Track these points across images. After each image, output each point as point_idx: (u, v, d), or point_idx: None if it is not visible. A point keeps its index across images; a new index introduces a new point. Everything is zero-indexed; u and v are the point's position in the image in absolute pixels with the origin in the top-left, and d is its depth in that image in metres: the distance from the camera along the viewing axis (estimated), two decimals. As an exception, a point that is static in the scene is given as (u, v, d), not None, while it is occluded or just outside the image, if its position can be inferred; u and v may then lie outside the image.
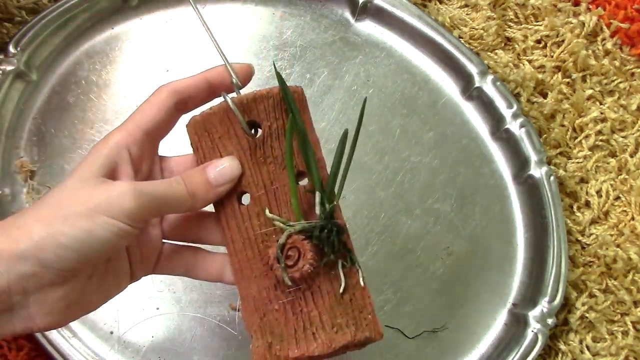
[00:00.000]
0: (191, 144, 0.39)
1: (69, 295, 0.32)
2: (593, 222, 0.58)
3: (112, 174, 0.34)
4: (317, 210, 0.36)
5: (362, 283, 0.37)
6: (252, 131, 0.37)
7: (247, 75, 0.38)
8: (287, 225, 0.36)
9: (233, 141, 0.37)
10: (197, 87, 0.37)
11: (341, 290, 0.36)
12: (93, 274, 0.34)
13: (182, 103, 0.37)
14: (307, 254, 0.35)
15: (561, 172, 0.59)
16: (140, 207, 0.32)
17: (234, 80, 0.37)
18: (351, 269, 0.37)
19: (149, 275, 0.51)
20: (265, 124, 0.37)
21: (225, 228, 0.38)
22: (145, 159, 0.37)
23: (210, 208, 0.39)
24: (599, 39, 0.64)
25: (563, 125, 0.61)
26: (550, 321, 0.52)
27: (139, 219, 0.33)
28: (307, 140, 0.37)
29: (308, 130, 0.37)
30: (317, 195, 0.36)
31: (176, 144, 0.43)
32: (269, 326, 0.36)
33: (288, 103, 0.36)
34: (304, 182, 0.38)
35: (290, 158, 0.36)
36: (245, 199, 0.38)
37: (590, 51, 0.63)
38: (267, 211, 0.36)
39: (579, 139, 0.61)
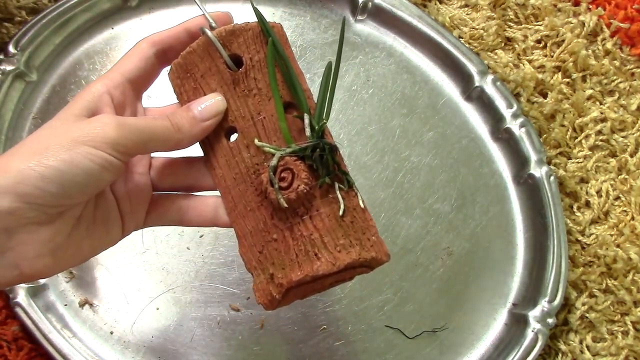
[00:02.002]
0: (174, 90, 0.38)
1: (55, 237, 0.32)
2: (593, 222, 0.58)
3: (93, 115, 0.34)
4: (307, 131, 0.35)
5: (362, 205, 0.37)
6: (234, 65, 0.37)
7: (225, 22, 0.38)
8: (278, 150, 0.35)
9: (216, 77, 0.37)
10: (177, 37, 0.37)
11: (341, 213, 0.35)
12: (81, 218, 0.33)
13: (162, 53, 0.37)
14: (300, 173, 0.34)
15: (561, 172, 0.59)
16: (123, 138, 0.32)
17: (213, 24, 0.37)
18: (349, 192, 0.36)
19: (149, 274, 0.52)
20: (246, 56, 0.36)
21: (216, 166, 0.38)
22: (127, 106, 0.37)
23: (198, 153, 0.39)
24: (599, 39, 0.64)
25: (563, 125, 0.61)
26: (550, 321, 0.52)
27: (123, 150, 0.32)
28: (290, 67, 0.36)
29: (292, 62, 0.37)
30: (306, 117, 0.35)
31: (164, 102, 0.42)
32: (269, 258, 0.35)
33: (266, 30, 0.36)
34: (291, 115, 0.37)
35: (274, 79, 0.35)
36: (234, 137, 0.37)
37: (590, 51, 0.63)
38: (256, 140, 0.36)
39: (579, 139, 0.61)
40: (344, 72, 0.61)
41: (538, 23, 0.64)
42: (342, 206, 0.35)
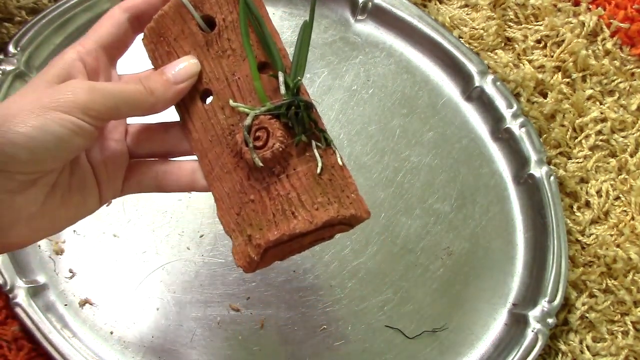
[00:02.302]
0: (149, 56, 0.38)
1: (28, 206, 0.31)
2: (593, 222, 0.58)
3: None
4: (282, 89, 0.35)
5: (340, 162, 0.36)
6: (207, 27, 0.36)
7: None
8: (252, 109, 0.34)
9: (189, 40, 0.36)
10: (150, 2, 0.37)
11: (318, 171, 0.34)
12: (55, 186, 0.33)
13: (135, 19, 0.37)
14: (275, 132, 0.33)
15: (561, 172, 0.59)
16: (94, 102, 0.31)
17: None
18: (327, 149, 0.36)
19: (149, 275, 0.52)
20: (219, 17, 0.36)
21: (192, 130, 0.37)
22: (101, 73, 0.36)
23: (174, 118, 0.38)
24: (599, 39, 0.64)
25: (563, 125, 0.61)
26: (550, 321, 0.52)
27: (95, 114, 0.31)
28: (264, 26, 0.35)
29: (266, 21, 0.36)
30: (280, 75, 0.35)
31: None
32: (246, 219, 0.35)
33: None
34: (267, 74, 0.37)
35: (247, 38, 0.35)
36: (209, 100, 0.37)
37: (590, 51, 0.63)
38: (230, 101, 0.35)
39: (579, 139, 0.61)
40: (344, 72, 0.61)
41: (538, 23, 0.64)
42: (319, 164, 0.35)
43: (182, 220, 0.54)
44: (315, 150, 0.35)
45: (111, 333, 0.50)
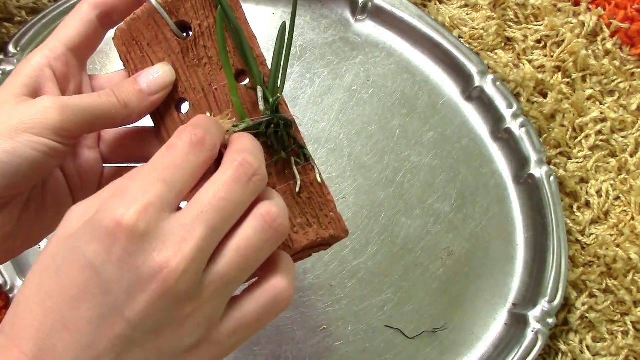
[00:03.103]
0: (120, 57, 0.36)
1: (2, 227, 0.30)
2: (593, 222, 0.58)
3: (35, 94, 0.32)
4: (261, 105, 0.33)
5: (319, 180, 0.35)
6: (183, 33, 0.35)
7: None
8: (231, 129, 0.33)
9: (163, 46, 0.35)
10: None
11: (297, 189, 0.34)
12: (29, 202, 0.32)
13: (105, 16, 0.35)
14: None
15: (561, 172, 0.59)
16: (66, 121, 0.30)
17: None
18: (306, 166, 0.35)
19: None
20: (194, 23, 0.34)
21: (167, 139, 0.36)
22: (71, 77, 0.34)
23: (149, 123, 0.37)
24: (599, 39, 0.64)
25: (563, 125, 0.61)
26: (550, 321, 0.52)
27: (67, 134, 0.30)
28: (241, 34, 0.34)
29: (242, 25, 0.35)
30: (259, 90, 0.34)
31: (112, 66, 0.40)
32: None
33: None
34: (245, 83, 0.35)
35: (225, 52, 0.33)
36: (185, 108, 0.36)
37: (590, 51, 0.63)
38: (207, 115, 0.34)
39: (579, 139, 0.61)
40: (344, 72, 0.61)
41: (538, 23, 0.64)
42: (298, 182, 0.34)
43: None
44: (294, 168, 0.34)
45: (111, 333, 0.50)
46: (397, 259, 0.55)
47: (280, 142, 0.34)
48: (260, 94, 0.34)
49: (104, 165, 0.37)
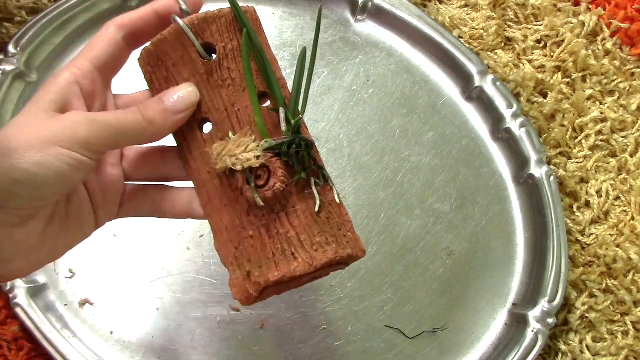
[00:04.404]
0: (145, 77, 0.37)
1: (29, 239, 0.31)
2: (593, 222, 0.58)
3: (63, 110, 0.33)
4: (283, 126, 0.34)
5: (337, 200, 0.36)
6: (208, 55, 0.36)
7: (196, 3, 0.36)
8: (255, 151, 0.34)
9: (188, 67, 0.35)
10: (145, 19, 0.36)
11: (317, 209, 0.34)
12: (53, 216, 0.33)
13: (130, 37, 0.36)
14: (277, 171, 0.33)
15: (561, 172, 0.59)
16: (94, 136, 0.31)
17: (183, 7, 0.36)
18: (325, 186, 0.36)
19: (149, 275, 0.52)
20: (219, 45, 0.35)
21: (190, 159, 0.37)
22: (97, 95, 0.35)
23: (172, 142, 0.38)
24: (599, 39, 0.64)
25: (563, 125, 0.61)
26: (550, 321, 0.52)
27: (95, 149, 0.31)
28: (265, 58, 0.35)
29: (265, 48, 0.36)
30: (282, 111, 0.35)
31: (132, 85, 0.41)
32: (245, 255, 0.35)
33: (240, 18, 0.35)
34: (267, 104, 0.36)
35: (249, 74, 0.34)
36: (207, 128, 0.36)
37: (590, 51, 0.63)
38: (230, 134, 0.35)
39: (579, 139, 0.61)
40: (344, 72, 0.61)
41: (538, 23, 0.64)
42: (318, 202, 0.35)
43: (182, 220, 0.53)
44: (314, 188, 0.35)
45: (111, 333, 0.50)
46: (397, 259, 0.55)
47: (301, 162, 0.34)
48: (282, 115, 0.34)
49: (125, 182, 0.38)
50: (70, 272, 0.51)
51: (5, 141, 0.30)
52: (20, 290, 0.49)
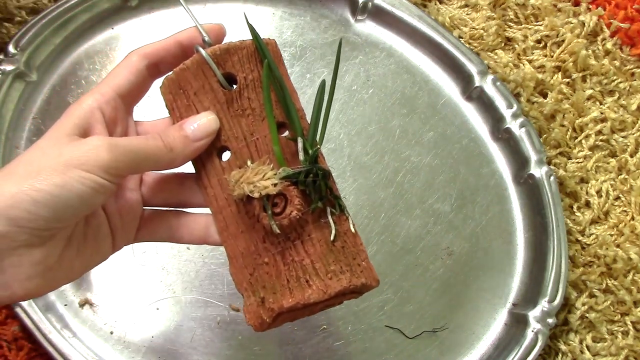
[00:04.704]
0: (166, 105, 0.38)
1: (46, 259, 0.31)
2: (593, 222, 0.58)
3: (85, 134, 0.33)
4: (301, 156, 0.35)
5: (352, 230, 0.36)
6: (228, 84, 0.36)
7: (218, 34, 0.37)
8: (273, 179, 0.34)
9: (209, 96, 0.36)
10: (168, 50, 0.37)
11: (332, 238, 0.35)
12: (72, 237, 0.33)
13: (153, 66, 0.37)
14: (293, 199, 0.34)
15: (561, 172, 0.59)
16: (116, 160, 0.31)
17: (206, 39, 0.37)
18: (340, 216, 0.36)
19: (149, 275, 0.52)
20: (240, 75, 0.36)
21: (207, 186, 0.37)
22: (119, 122, 0.36)
23: (190, 169, 0.38)
24: (599, 39, 0.64)
25: (563, 125, 0.61)
26: (550, 321, 0.52)
27: (115, 172, 0.32)
28: (285, 88, 0.36)
29: (285, 80, 0.37)
30: (300, 141, 0.35)
31: (153, 112, 0.42)
32: (260, 281, 0.35)
33: (261, 49, 0.36)
34: (285, 135, 0.37)
35: (269, 104, 0.35)
36: (225, 156, 0.37)
37: (590, 51, 0.63)
38: (249, 162, 0.35)
39: (579, 139, 0.61)
40: (344, 72, 0.61)
41: (538, 23, 0.64)
42: (333, 231, 0.35)
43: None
44: (329, 217, 0.36)
45: (111, 333, 0.50)
46: (397, 259, 0.55)
47: (317, 191, 0.35)
48: (300, 144, 0.35)
49: (144, 207, 0.39)
50: (70, 272, 0.51)
51: (27, 163, 0.31)
52: (20, 290, 0.49)
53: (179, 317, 0.51)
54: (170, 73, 0.37)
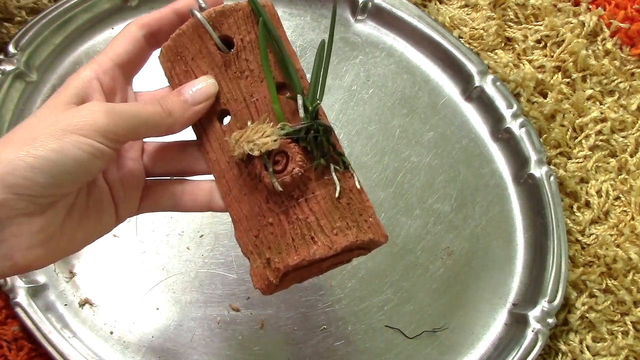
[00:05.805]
0: (165, 74, 0.38)
1: (47, 228, 0.31)
2: (593, 222, 0.58)
3: (83, 103, 0.33)
4: (301, 113, 0.35)
5: (358, 186, 0.36)
6: (225, 47, 0.36)
7: (215, 3, 0.37)
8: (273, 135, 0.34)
9: (207, 60, 0.36)
10: (165, 19, 0.37)
11: (337, 194, 0.34)
12: (73, 207, 0.33)
13: (151, 36, 0.37)
14: (295, 156, 0.33)
15: (561, 172, 0.59)
16: (113, 125, 0.31)
17: (202, 5, 0.36)
18: (345, 173, 0.36)
19: (149, 275, 0.52)
20: (237, 37, 0.36)
21: (209, 150, 0.37)
22: (118, 92, 0.36)
23: (191, 136, 0.38)
24: (599, 39, 0.64)
25: (563, 125, 0.61)
26: (550, 321, 0.52)
27: (113, 137, 0.31)
28: (282, 47, 0.36)
29: (284, 42, 0.36)
30: (299, 98, 0.35)
31: (154, 85, 0.41)
32: (265, 242, 0.35)
33: (256, 9, 0.35)
34: (286, 95, 0.37)
35: (267, 62, 0.35)
36: (226, 120, 0.37)
37: (590, 51, 0.63)
38: (249, 123, 0.35)
39: (579, 139, 0.61)
40: (344, 72, 0.61)
41: (538, 23, 0.64)
42: (337, 188, 0.35)
43: (182, 220, 0.54)
44: (333, 174, 0.35)
45: (111, 333, 0.50)
46: (397, 259, 0.55)
47: (319, 148, 0.34)
48: (300, 102, 0.35)
49: (146, 178, 0.38)
50: (70, 272, 0.51)
51: (24, 130, 0.30)
52: (20, 290, 0.49)
53: (179, 317, 0.51)
54: (167, 41, 0.37)
